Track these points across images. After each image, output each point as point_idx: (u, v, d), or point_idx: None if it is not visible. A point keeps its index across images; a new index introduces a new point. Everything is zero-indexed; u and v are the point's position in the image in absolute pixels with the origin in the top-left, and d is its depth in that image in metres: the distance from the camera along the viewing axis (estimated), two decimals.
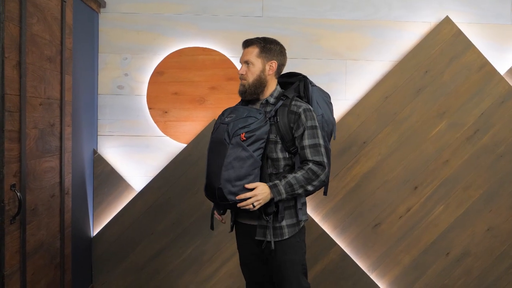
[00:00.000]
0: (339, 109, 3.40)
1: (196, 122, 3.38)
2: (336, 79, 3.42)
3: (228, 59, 3.37)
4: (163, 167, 3.37)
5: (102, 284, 3.36)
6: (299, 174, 2.22)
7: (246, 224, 2.39)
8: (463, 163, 3.39)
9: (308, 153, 2.24)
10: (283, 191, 2.20)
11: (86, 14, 3.12)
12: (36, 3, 2.35)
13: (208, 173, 2.26)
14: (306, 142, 2.25)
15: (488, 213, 3.41)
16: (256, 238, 2.31)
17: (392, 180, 3.40)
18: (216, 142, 2.24)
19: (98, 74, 3.35)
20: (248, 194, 2.18)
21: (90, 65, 3.23)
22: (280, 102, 2.30)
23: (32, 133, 2.33)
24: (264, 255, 2.38)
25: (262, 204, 2.20)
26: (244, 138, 2.18)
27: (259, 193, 2.18)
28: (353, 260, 3.38)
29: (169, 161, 3.37)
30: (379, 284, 3.41)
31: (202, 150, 3.34)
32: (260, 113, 2.23)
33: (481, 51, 3.38)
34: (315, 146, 2.25)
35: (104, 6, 3.31)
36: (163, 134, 3.39)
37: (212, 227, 2.39)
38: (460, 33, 3.35)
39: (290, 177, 2.21)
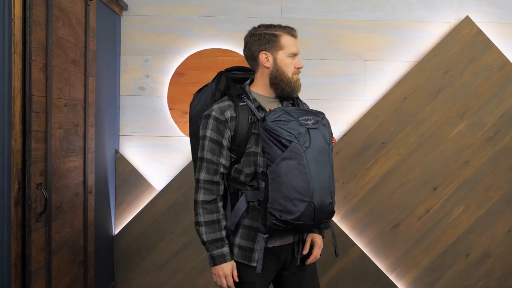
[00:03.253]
0: (358, 110, 3.41)
1: None
2: (355, 79, 3.42)
3: None
4: (183, 167, 3.42)
5: (123, 282, 3.43)
6: None
7: (277, 247, 2.04)
8: (483, 164, 3.37)
9: None
10: None
11: (109, 17, 3.19)
12: (62, 7, 2.41)
13: (318, 190, 1.85)
14: None
15: (508, 215, 3.38)
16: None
17: (412, 181, 3.39)
18: (319, 152, 1.88)
19: (120, 76, 3.42)
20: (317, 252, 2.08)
21: (112, 67, 3.29)
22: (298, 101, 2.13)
23: (57, 134, 2.40)
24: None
25: None
26: (335, 142, 1.99)
27: (321, 244, 2.11)
28: (372, 261, 3.39)
29: (189, 161, 3.42)
30: (398, 284, 3.41)
31: None
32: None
33: (501, 51, 3.36)
34: None
35: (126, 9, 3.37)
36: (183, 135, 3.44)
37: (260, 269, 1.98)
38: (480, 33, 3.33)
39: None
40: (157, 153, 3.45)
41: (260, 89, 2.04)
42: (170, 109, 3.43)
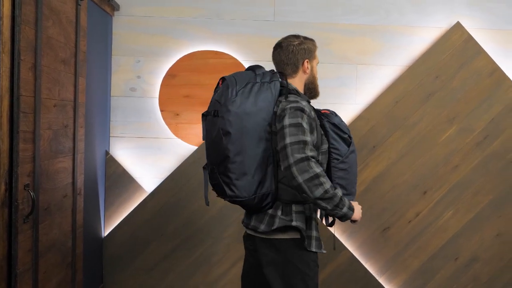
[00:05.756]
0: (349, 113, 3.42)
1: None
2: (347, 83, 3.43)
3: (240, 63, 3.40)
4: (174, 168, 3.40)
5: (112, 284, 3.40)
6: None
7: None
8: (472, 169, 3.39)
9: None
10: None
11: (100, 17, 3.17)
12: (52, 6, 2.39)
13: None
14: None
15: (497, 219, 3.40)
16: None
17: (402, 185, 3.40)
18: None
19: (111, 76, 3.40)
20: None
21: (103, 68, 3.28)
22: None
23: (46, 134, 2.38)
24: None
25: None
26: None
27: None
28: (361, 264, 3.39)
29: (180, 163, 3.41)
30: None
31: None
32: None
33: (491, 56, 3.38)
34: None
35: (118, 9, 3.36)
36: (174, 136, 3.42)
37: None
38: (470, 38, 3.35)
39: None
40: (147, 155, 3.43)
41: None
42: (161, 110, 3.41)
